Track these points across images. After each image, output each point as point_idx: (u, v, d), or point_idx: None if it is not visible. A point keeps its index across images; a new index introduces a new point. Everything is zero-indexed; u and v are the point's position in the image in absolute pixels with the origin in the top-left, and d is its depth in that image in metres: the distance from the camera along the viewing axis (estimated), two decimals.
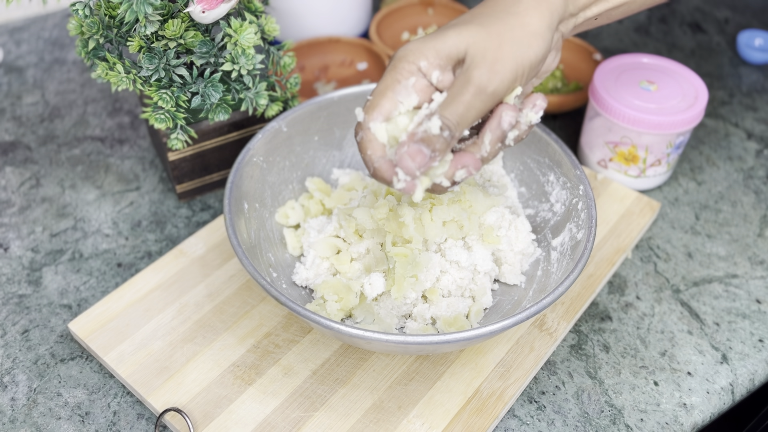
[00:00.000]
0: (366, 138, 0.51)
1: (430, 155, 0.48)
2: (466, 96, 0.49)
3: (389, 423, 0.56)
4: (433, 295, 0.60)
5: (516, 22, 0.50)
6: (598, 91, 0.73)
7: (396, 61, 0.52)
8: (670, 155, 0.74)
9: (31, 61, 0.93)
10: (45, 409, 0.58)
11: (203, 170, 0.73)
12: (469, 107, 0.49)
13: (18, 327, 0.64)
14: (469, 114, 0.49)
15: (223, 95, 0.66)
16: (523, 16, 0.50)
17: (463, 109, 0.49)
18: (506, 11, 0.51)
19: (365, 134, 0.51)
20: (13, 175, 0.78)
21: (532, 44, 0.50)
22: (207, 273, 0.66)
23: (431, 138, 0.48)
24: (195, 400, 0.57)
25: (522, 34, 0.50)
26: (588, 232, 0.57)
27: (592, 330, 0.64)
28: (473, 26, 0.51)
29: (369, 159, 0.51)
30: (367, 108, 0.51)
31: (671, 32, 1.01)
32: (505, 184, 0.68)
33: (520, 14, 0.50)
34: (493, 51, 0.49)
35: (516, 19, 0.50)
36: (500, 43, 0.49)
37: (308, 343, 0.61)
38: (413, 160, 0.48)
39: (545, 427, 0.57)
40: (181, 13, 0.61)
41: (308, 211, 0.67)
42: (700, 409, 0.59)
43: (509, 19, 0.50)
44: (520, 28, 0.50)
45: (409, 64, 0.51)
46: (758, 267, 0.70)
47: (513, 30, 0.50)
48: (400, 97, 0.51)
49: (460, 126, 0.49)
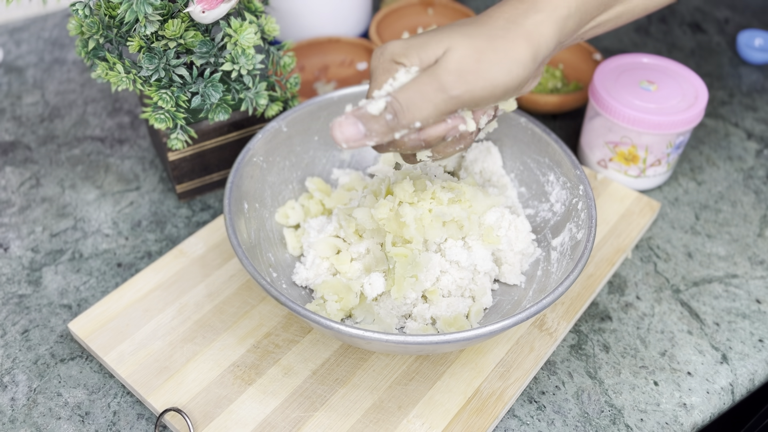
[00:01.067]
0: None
1: (365, 133, 0.48)
2: (426, 87, 0.48)
3: (389, 423, 0.56)
4: (433, 295, 0.60)
5: (502, 46, 0.49)
6: (598, 91, 0.73)
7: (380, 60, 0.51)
8: (670, 155, 0.74)
9: (31, 61, 0.93)
10: (45, 409, 0.58)
11: (203, 170, 0.73)
12: (426, 99, 0.48)
13: (18, 327, 0.64)
14: (423, 105, 0.48)
15: (223, 95, 0.66)
16: (511, 41, 0.49)
17: (418, 98, 0.48)
18: (495, 34, 0.50)
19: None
20: (13, 175, 0.78)
21: (512, 70, 0.49)
22: (207, 273, 0.66)
23: (371, 116, 0.48)
24: (195, 400, 0.57)
25: (504, 58, 0.49)
26: (588, 232, 0.58)
27: (592, 330, 0.64)
28: (458, 35, 0.50)
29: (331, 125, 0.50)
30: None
31: (671, 32, 1.01)
32: (505, 184, 0.68)
33: (509, 39, 0.49)
34: (470, 63, 0.48)
35: (503, 43, 0.49)
36: (479, 59, 0.48)
37: (308, 343, 0.61)
38: (341, 128, 0.48)
39: (545, 427, 0.57)
40: (181, 13, 0.61)
41: (308, 211, 0.67)
42: (700, 409, 0.59)
43: (497, 41, 0.49)
44: (503, 53, 0.49)
45: (390, 64, 0.50)
46: (758, 267, 0.70)
47: (496, 52, 0.49)
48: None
49: (409, 113, 0.48)
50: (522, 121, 0.67)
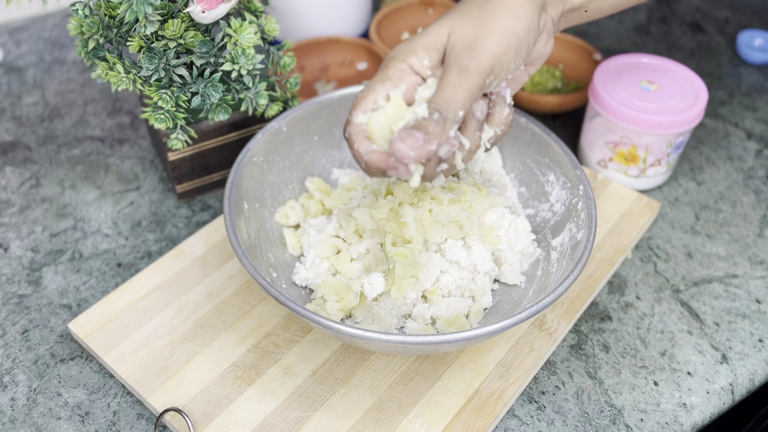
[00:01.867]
0: (353, 132, 0.51)
1: (424, 138, 0.48)
2: (450, 78, 0.49)
3: (389, 423, 0.56)
4: (433, 295, 0.60)
5: (496, 3, 0.51)
6: (598, 91, 0.73)
7: (387, 60, 0.52)
8: (670, 155, 0.74)
9: (31, 61, 0.93)
10: (45, 409, 0.58)
11: (203, 170, 0.73)
12: (455, 87, 0.49)
13: (18, 327, 0.64)
14: (456, 94, 0.49)
15: (223, 95, 0.66)
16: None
17: (449, 91, 0.49)
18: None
19: (352, 129, 0.51)
20: (13, 175, 0.78)
21: (513, 16, 0.50)
22: (207, 273, 0.66)
23: (421, 122, 0.49)
24: (195, 400, 0.57)
25: (502, 10, 0.50)
26: (588, 232, 0.58)
27: (592, 330, 0.64)
28: (454, 14, 0.52)
29: (358, 153, 0.51)
30: (354, 103, 0.52)
31: (671, 32, 1.01)
32: (505, 184, 0.68)
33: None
34: (473, 31, 0.50)
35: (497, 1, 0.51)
36: (480, 24, 0.50)
37: (308, 343, 0.61)
38: (404, 142, 0.48)
39: (545, 427, 0.57)
40: (181, 13, 0.61)
41: (308, 211, 0.67)
42: (700, 409, 0.59)
43: (489, 2, 0.51)
44: (500, 6, 0.50)
45: (399, 62, 0.51)
46: (758, 267, 0.70)
47: (493, 10, 0.50)
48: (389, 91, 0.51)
49: (450, 107, 0.49)
50: (522, 121, 0.67)
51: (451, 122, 0.49)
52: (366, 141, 0.51)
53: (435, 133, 0.48)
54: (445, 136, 0.49)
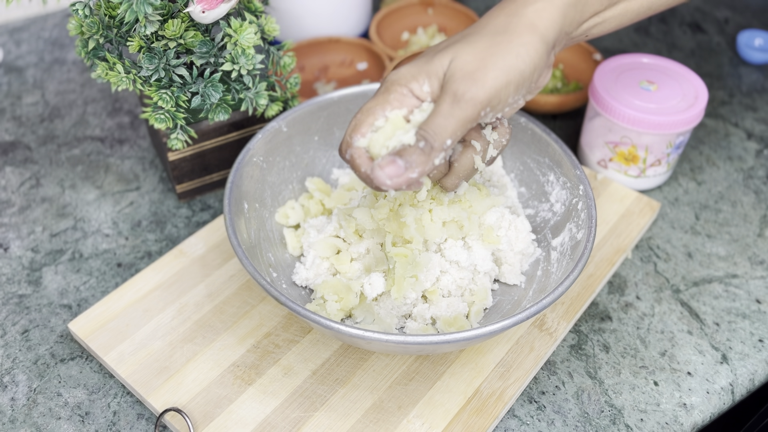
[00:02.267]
0: (356, 155, 0.51)
1: (405, 166, 0.48)
2: (443, 106, 0.49)
3: (389, 423, 0.56)
4: (433, 295, 0.60)
5: (505, 39, 0.50)
6: (598, 91, 0.73)
7: (389, 84, 0.51)
8: (670, 155, 0.74)
9: (31, 61, 0.93)
10: (45, 409, 0.58)
11: (203, 170, 0.73)
12: (447, 116, 0.49)
13: (18, 327, 0.64)
14: (447, 123, 0.49)
15: (223, 95, 0.66)
16: (514, 33, 0.50)
17: (440, 120, 0.49)
18: (497, 31, 0.50)
19: (354, 152, 0.51)
20: (13, 175, 0.78)
21: (521, 54, 0.49)
22: (207, 273, 0.66)
23: (405, 149, 0.49)
24: (195, 400, 0.57)
25: (510, 46, 0.49)
26: (588, 232, 0.58)
27: (592, 330, 0.64)
28: (460, 44, 0.50)
29: (365, 175, 0.51)
30: (353, 125, 0.51)
31: (671, 32, 1.01)
32: (505, 184, 0.68)
33: (511, 32, 0.50)
34: (475, 62, 0.49)
35: (506, 36, 0.50)
36: (484, 56, 0.49)
37: (308, 343, 0.61)
38: (383, 170, 0.48)
39: (545, 427, 0.57)
40: (181, 13, 0.61)
41: (308, 211, 0.67)
42: (700, 409, 0.59)
43: (499, 37, 0.50)
44: (507, 42, 0.49)
45: (401, 87, 0.51)
46: (758, 267, 0.70)
47: (500, 44, 0.49)
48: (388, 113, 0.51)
49: (438, 135, 0.48)
50: (522, 121, 0.67)
51: (437, 151, 0.49)
52: (370, 162, 0.51)
53: (418, 162, 0.48)
54: (430, 165, 0.49)
